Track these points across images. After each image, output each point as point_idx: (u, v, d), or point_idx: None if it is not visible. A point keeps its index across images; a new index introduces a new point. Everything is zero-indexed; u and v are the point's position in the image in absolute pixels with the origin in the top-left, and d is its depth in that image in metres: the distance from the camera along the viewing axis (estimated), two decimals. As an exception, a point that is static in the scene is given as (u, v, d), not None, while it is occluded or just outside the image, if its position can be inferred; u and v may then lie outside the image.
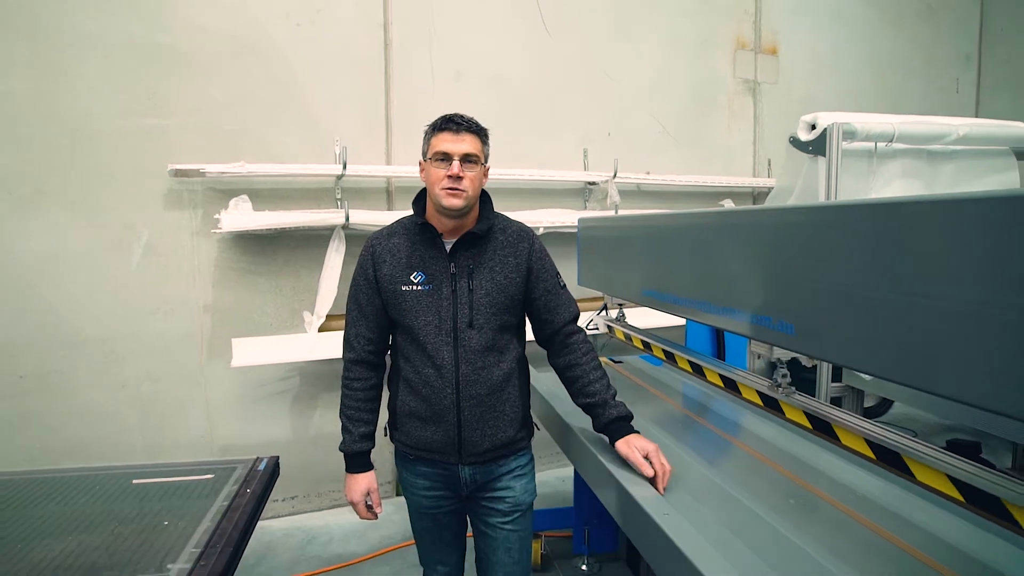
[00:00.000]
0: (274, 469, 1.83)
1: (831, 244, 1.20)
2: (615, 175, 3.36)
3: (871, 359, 1.13)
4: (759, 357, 2.79)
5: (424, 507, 1.55)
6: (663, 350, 2.35)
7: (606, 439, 1.46)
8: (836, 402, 2.76)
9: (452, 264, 1.42)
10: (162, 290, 2.78)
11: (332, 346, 2.79)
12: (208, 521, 1.48)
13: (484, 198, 1.49)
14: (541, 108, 3.37)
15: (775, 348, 2.30)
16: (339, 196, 2.91)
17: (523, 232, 1.52)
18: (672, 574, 1.06)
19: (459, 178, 1.36)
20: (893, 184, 2.88)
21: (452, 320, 1.41)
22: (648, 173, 3.56)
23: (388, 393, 1.53)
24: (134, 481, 1.73)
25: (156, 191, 2.75)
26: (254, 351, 2.65)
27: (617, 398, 1.50)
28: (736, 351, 2.98)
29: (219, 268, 2.85)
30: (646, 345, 2.47)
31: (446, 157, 1.37)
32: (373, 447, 1.52)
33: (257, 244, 2.89)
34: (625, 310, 2.76)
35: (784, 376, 1.61)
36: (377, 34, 3.07)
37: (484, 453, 1.46)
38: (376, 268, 1.45)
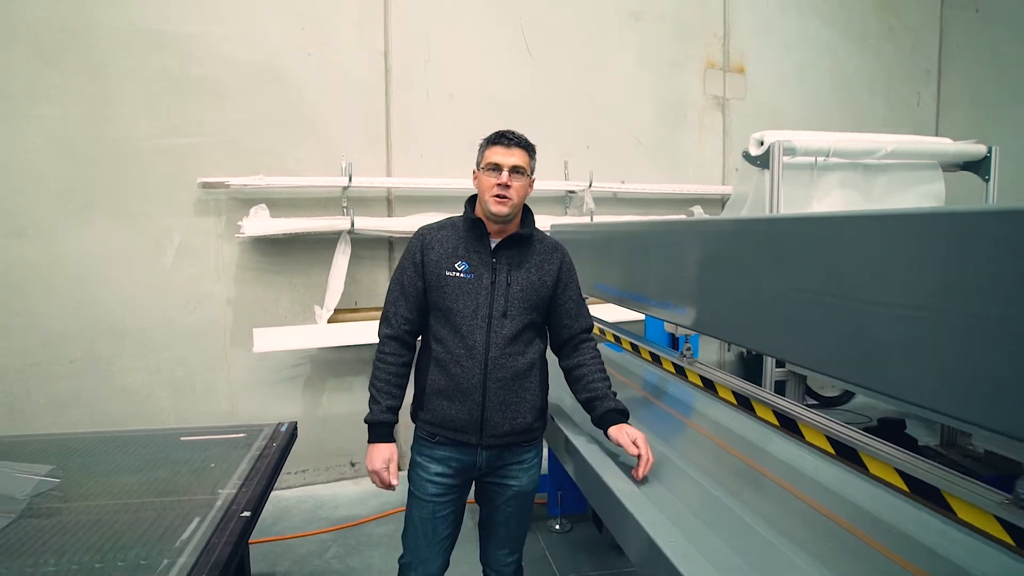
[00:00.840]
0: (293, 431, 2.27)
1: (737, 251, 1.62)
2: (591, 184, 3.79)
3: (772, 345, 1.54)
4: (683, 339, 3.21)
5: (429, 492, 1.62)
6: (631, 342, 2.78)
7: (601, 431, 1.62)
8: (780, 386, 3.19)
9: (494, 259, 1.58)
10: (192, 286, 3.23)
11: (340, 335, 3.23)
12: (245, 464, 1.92)
13: (526, 210, 1.66)
14: (526, 124, 3.75)
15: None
16: (345, 204, 3.35)
17: (557, 245, 1.71)
18: (623, 531, 1.34)
19: (507, 187, 1.52)
20: (832, 193, 3.29)
21: (488, 307, 1.54)
22: (623, 182, 3.99)
23: (416, 376, 1.65)
24: (182, 438, 2.17)
25: (187, 201, 3.20)
26: (273, 339, 3.09)
27: (616, 396, 1.65)
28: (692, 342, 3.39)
29: (240, 267, 3.30)
30: (616, 338, 2.91)
31: (497, 167, 1.53)
32: (396, 422, 1.62)
33: (273, 246, 3.34)
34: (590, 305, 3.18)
35: (688, 350, 2.05)
36: (378, 61, 3.51)
37: (503, 436, 1.58)
38: (424, 254, 1.59)
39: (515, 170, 1.54)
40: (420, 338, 1.68)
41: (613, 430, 1.56)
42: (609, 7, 4.04)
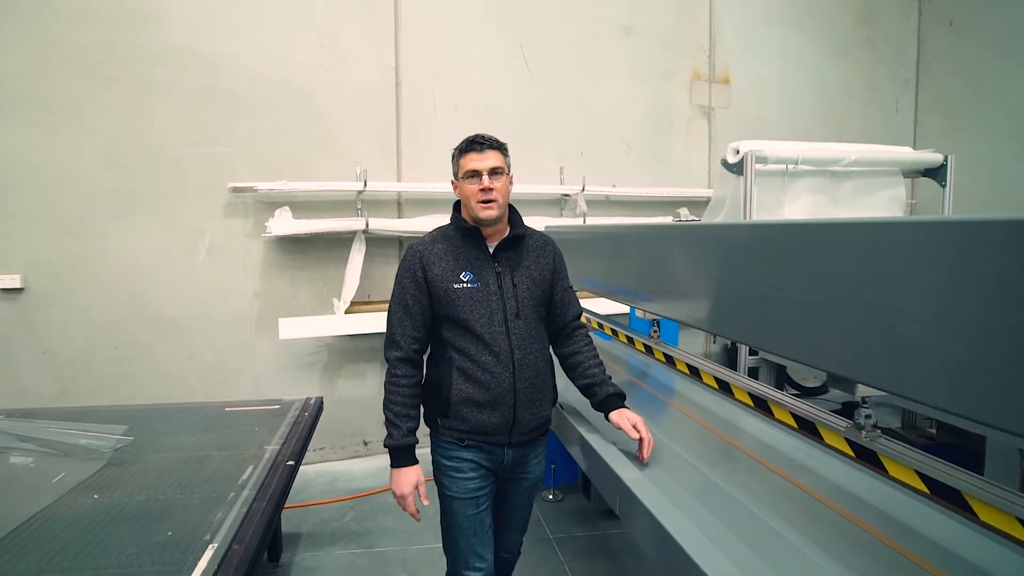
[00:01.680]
0: (320, 405, 2.66)
1: (708, 252, 1.88)
2: (583, 189, 4.16)
3: (740, 333, 1.85)
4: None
5: (470, 491, 1.63)
6: (611, 328, 3.16)
7: (601, 414, 1.70)
8: (753, 372, 3.56)
9: (496, 263, 1.61)
10: (222, 281, 3.62)
11: (355, 325, 3.61)
12: (283, 427, 2.31)
13: (512, 209, 1.69)
14: (524, 133, 4.17)
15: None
16: (360, 207, 3.73)
17: (547, 238, 1.76)
18: (612, 494, 1.56)
19: (490, 190, 1.54)
20: (802, 198, 3.66)
21: (502, 312, 1.57)
22: (614, 186, 4.36)
23: (437, 386, 1.62)
24: (227, 409, 2.56)
25: (218, 204, 3.59)
26: (296, 327, 3.48)
27: (612, 380, 1.74)
28: (669, 331, 3.77)
29: (266, 264, 3.69)
30: (599, 325, 3.28)
31: (476, 174, 1.55)
32: (418, 442, 1.62)
33: (295, 245, 3.72)
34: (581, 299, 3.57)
35: (655, 331, 2.42)
36: (389, 76, 3.89)
37: (530, 431, 1.64)
38: (426, 270, 1.58)
39: (494, 172, 1.56)
40: (432, 350, 1.68)
41: (614, 415, 1.63)
42: (601, 23, 4.41)
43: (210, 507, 1.66)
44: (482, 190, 1.54)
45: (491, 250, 1.62)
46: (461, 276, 1.58)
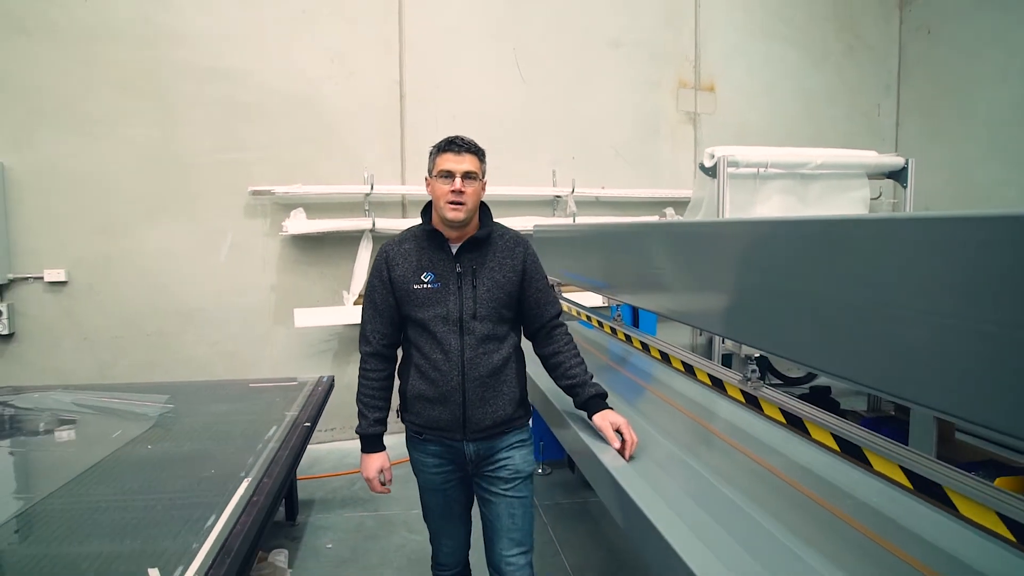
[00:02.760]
0: (331, 383, 3.05)
1: (684, 248, 2.13)
2: (573, 190, 4.54)
3: (713, 324, 2.07)
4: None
5: (436, 484, 1.74)
6: (598, 320, 3.54)
7: (584, 414, 1.74)
8: (726, 359, 3.91)
9: (458, 265, 1.64)
10: (242, 275, 4.03)
11: (362, 316, 4.00)
12: (300, 399, 2.71)
13: (484, 208, 1.71)
14: (519, 139, 4.56)
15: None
16: (367, 208, 4.12)
17: (518, 239, 1.75)
18: (588, 470, 1.69)
19: (461, 192, 1.57)
20: (773, 198, 4.01)
21: (459, 312, 1.62)
22: (603, 187, 4.73)
23: (399, 381, 1.74)
24: (250, 385, 2.96)
25: (238, 205, 4.00)
26: (310, 317, 3.88)
27: (594, 379, 1.75)
28: (648, 320, 4.13)
29: (281, 260, 4.10)
30: (587, 317, 3.65)
31: (449, 175, 1.58)
32: (385, 431, 1.75)
33: (308, 242, 4.13)
34: (565, 293, 3.94)
35: (618, 317, 2.78)
36: (394, 88, 4.29)
37: (486, 429, 1.66)
38: (390, 270, 1.65)
39: (467, 176, 1.59)
40: (401, 348, 1.76)
41: (597, 418, 1.67)
42: (592, 36, 4.78)
43: (243, 453, 2.05)
44: (452, 191, 1.58)
45: (454, 251, 1.65)
46: (422, 276, 1.63)
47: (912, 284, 1.08)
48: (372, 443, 1.73)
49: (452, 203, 1.58)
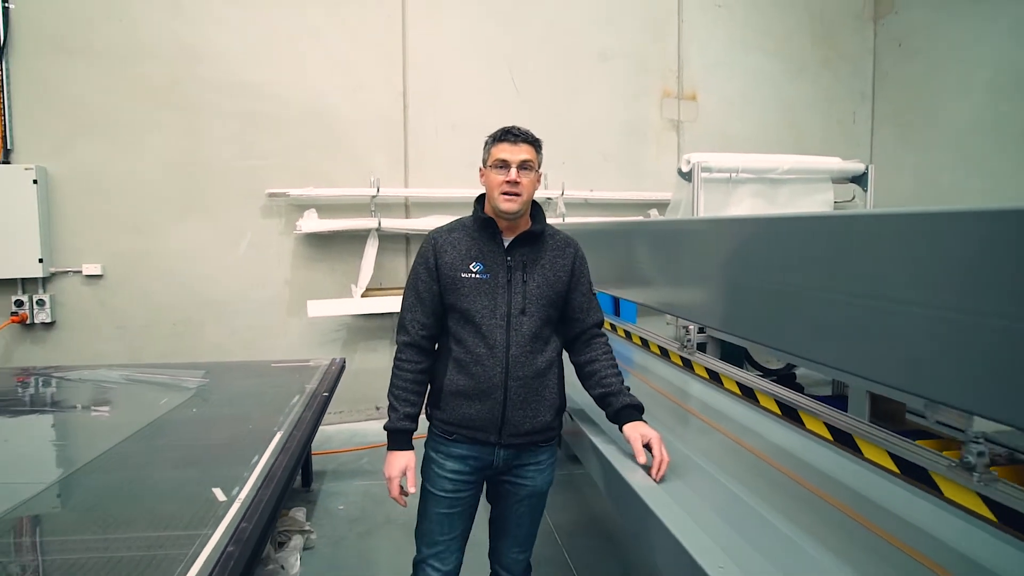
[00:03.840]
0: (343, 364, 3.47)
1: (661, 244, 2.55)
2: (563, 193, 4.96)
3: (688, 312, 2.44)
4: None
5: (446, 489, 1.65)
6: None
7: (615, 426, 1.67)
8: (701, 347, 4.32)
9: (509, 257, 1.60)
10: (259, 270, 4.46)
11: (370, 306, 4.43)
12: (317, 376, 3.13)
13: (536, 206, 1.68)
14: (513, 145, 4.97)
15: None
16: (373, 209, 4.55)
17: (569, 240, 1.73)
18: (588, 458, 1.82)
19: (516, 183, 1.54)
20: (745, 201, 4.43)
21: (507, 306, 1.57)
22: (592, 190, 5.15)
23: (434, 374, 1.67)
24: (272, 365, 3.39)
25: (256, 207, 4.43)
26: (321, 307, 4.31)
27: (630, 391, 1.69)
28: (628, 310, 4.55)
29: (295, 256, 4.53)
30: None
31: (505, 164, 1.55)
32: (416, 429, 1.66)
33: (319, 240, 4.55)
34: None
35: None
36: (398, 100, 4.72)
37: (523, 435, 1.61)
38: (438, 257, 1.61)
39: (523, 165, 1.56)
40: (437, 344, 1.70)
41: (628, 429, 1.60)
42: (581, 50, 5.20)
43: (273, 415, 2.47)
44: (508, 182, 1.54)
45: (506, 243, 1.62)
46: (471, 266, 1.59)
47: (863, 272, 1.21)
48: (400, 440, 1.65)
49: (507, 194, 1.55)
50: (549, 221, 1.75)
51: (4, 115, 3.93)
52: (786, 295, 1.53)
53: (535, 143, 1.63)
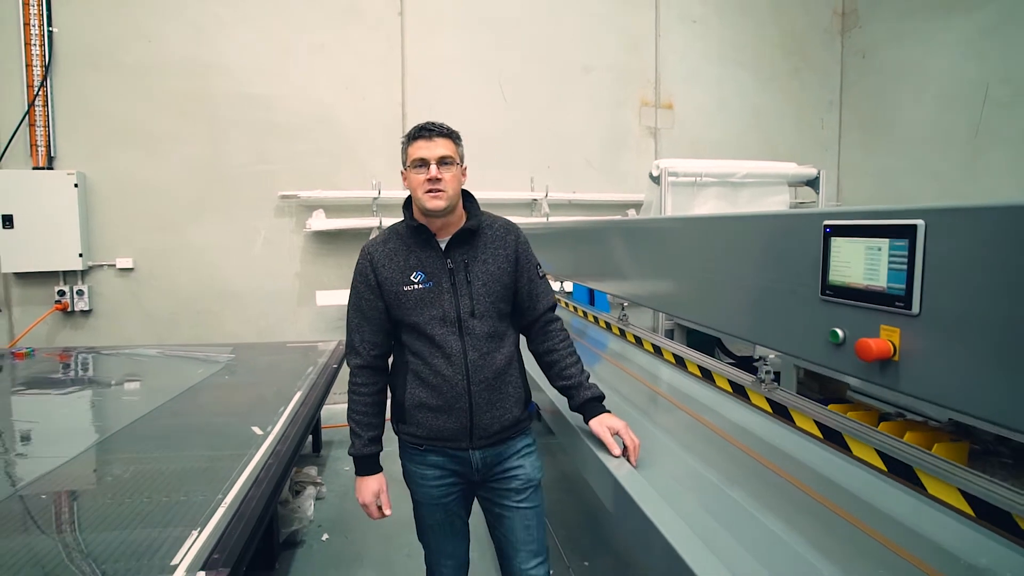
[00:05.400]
0: (348, 345, 4.03)
1: (635, 241, 3.19)
2: (547, 195, 5.51)
3: (661, 303, 3.00)
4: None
5: (436, 497, 1.64)
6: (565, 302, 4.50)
7: (580, 417, 1.66)
8: (669, 333, 4.86)
9: (448, 260, 1.56)
10: (272, 265, 5.02)
11: (370, 298, 4.98)
12: (328, 352, 3.69)
13: (469, 198, 1.63)
14: (502, 151, 5.52)
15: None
16: (375, 209, 5.10)
17: (509, 226, 1.67)
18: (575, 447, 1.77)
19: (438, 179, 1.48)
20: (709, 202, 4.96)
21: (456, 311, 1.54)
22: (574, 192, 5.70)
23: (393, 391, 1.65)
24: (287, 345, 3.94)
25: (270, 208, 4.99)
26: (329, 297, 4.87)
27: (591, 380, 1.67)
28: (600, 300, 5.10)
29: (304, 252, 5.08)
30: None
31: (423, 163, 1.50)
32: (381, 450, 1.65)
33: (326, 237, 5.11)
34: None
35: (567, 292, 3.75)
36: (397, 109, 5.27)
37: (494, 435, 1.60)
38: (376, 273, 1.56)
39: (443, 161, 1.52)
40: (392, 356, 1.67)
41: (594, 424, 1.59)
42: (565, 63, 5.75)
43: (292, 381, 3.02)
44: (428, 179, 1.50)
45: (443, 246, 1.58)
46: (411, 277, 1.55)
47: (794, 264, 1.35)
48: (367, 465, 1.64)
49: (430, 191, 1.51)
50: (533, 220, 1.97)
51: (49, 126, 4.50)
52: (716, 283, 1.80)
53: (452, 135, 1.60)
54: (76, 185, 4.49)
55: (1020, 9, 4.99)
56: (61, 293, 4.56)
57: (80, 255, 4.54)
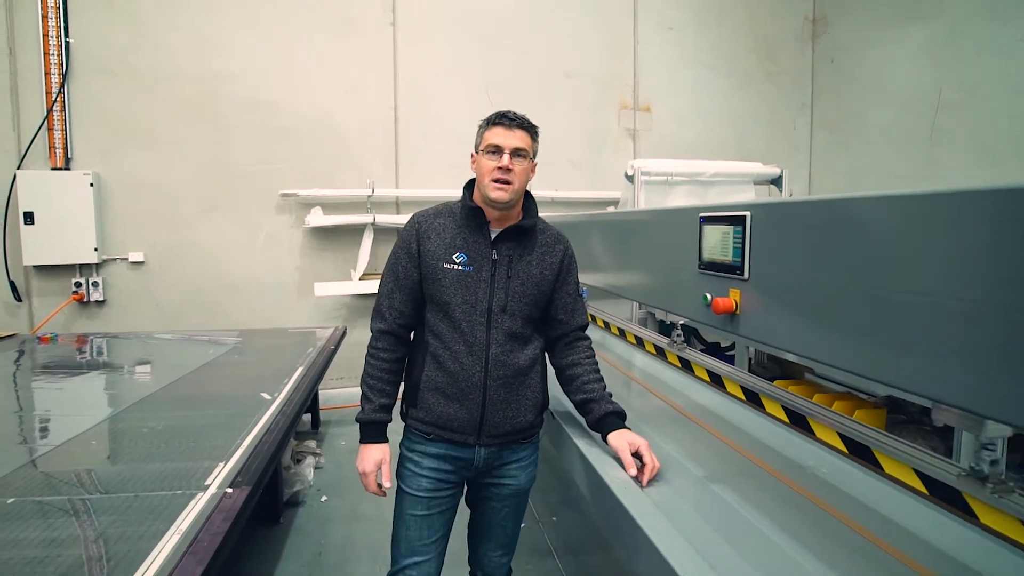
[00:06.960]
0: (344, 331, 4.41)
1: (614, 235, 3.62)
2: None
3: (634, 294, 3.50)
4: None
5: (424, 488, 1.59)
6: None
7: (598, 435, 1.61)
8: (643, 321, 5.25)
9: (495, 251, 1.55)
10: (274, 259, 5.40)
11: (367, 288, 5.36)
12: (325, 337, 4.08)
13: (529, 198, 1.63)
14: (489, 152, 5.89)
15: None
16: (369, 207, 5.48)
17: (560, 236, 1.67)
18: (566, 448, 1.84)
19: (508, 170, 1.48)
20: (680, 200, 5.35)
21: (488, 302, 1.52)
22: (556, 190, 6.09)
23: (408, 369, 1.63)
24: (289, 330, 4.33)
25: (272, 205, 5.37)
26: (326, 288, 5.25)
27: (612, 398, 1.63)
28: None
29: (304, 246, 5.47)
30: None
31: (497, 150, 1.50)
32: (390, 420, 1.61)
33: (324, 233, 5.49)
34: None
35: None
36: (390, 113, 5.65)
37: (503, 436, 1.58)
38: (420, 243, 1.55)
39: (517, 152, 1.51)
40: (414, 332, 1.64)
41: (613, 438, 1.54)
42: (548, 69, 6.13)
43: (295, 359, 3.41)
44: (499, 168, 1.49)
45: (493, 236, 1.57)
46: (454, 256, 1.54)
47: (685, 247, 1.69)
48: (374, 432, 1.60)
49: (498, 181, 1.50)
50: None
51: (66, 130, 4.87)
52: (635, 265, 2.35)
53: (531, 130, 1.59)
54: (91, 184, 4.86)
55: (970, 20, 5.38)
56: (78, 284, 4.93)
57: (95, 249, 4.92)
